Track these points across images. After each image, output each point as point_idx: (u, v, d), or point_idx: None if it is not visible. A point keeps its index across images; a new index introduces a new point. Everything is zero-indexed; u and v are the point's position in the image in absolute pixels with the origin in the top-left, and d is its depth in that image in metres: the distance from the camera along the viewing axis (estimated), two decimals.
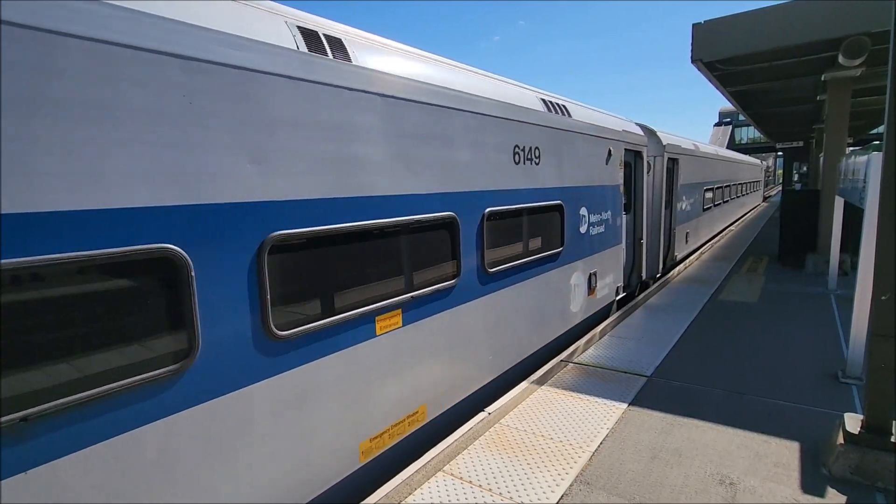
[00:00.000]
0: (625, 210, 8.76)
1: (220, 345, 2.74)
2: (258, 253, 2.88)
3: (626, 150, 8.47)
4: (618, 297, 8.69)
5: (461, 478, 3.86)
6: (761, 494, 3.58)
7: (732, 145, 66.20)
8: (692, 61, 10.29)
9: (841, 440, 3.82)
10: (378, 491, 3.64)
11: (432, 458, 4.08)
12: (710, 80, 12.00)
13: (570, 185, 6.47)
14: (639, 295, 9.64)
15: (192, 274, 2.54)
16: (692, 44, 10.04)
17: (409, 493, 3.67)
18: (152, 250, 2.39)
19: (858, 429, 3.78)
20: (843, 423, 3.91)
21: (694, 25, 10.05)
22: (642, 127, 10.11)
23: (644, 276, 10.20)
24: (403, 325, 3.96)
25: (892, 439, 3.65)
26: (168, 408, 2.51)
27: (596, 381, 5.64)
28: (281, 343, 3.05)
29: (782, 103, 17.60)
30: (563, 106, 6.50)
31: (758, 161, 37.54)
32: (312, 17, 3.54)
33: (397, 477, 3.81)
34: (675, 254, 12.51)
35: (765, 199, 43.89)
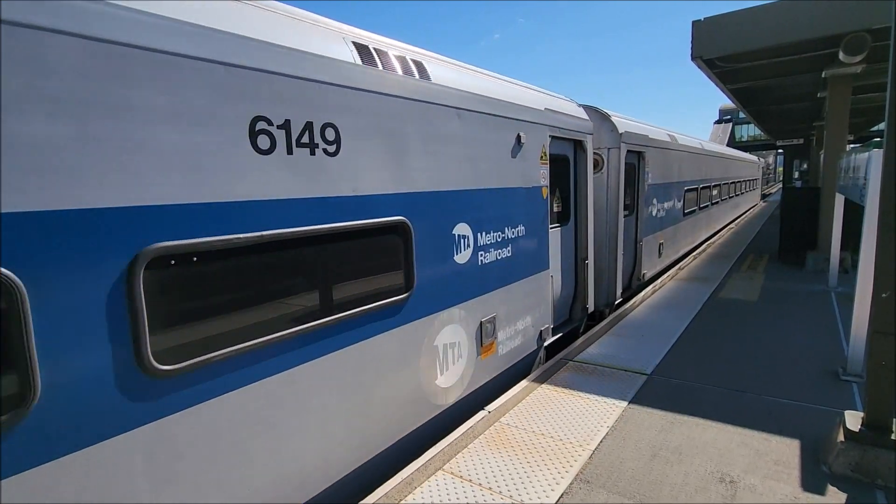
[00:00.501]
0: (560, 221, 6.80)
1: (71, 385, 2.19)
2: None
3: (553, 137, 6.24)
4: (546, 343, 6.46)
5: (461, 476, 3.86)
6: (762, 492, 3.58)
7: (733, 143, 66.02)
8: (692, 59, 10.26)
9: (841, 438, 3.82)
10: (378, 490, 3.63)
11: (432, 457, 4.07)
12: (710, 78, 11.97)
13: (427, 190, 4.22)
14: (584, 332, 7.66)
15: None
16: (692, 41, 10.02)
17: (410, 492, 3.66)
18: None
19: (859, 426, 3.77)
20: (844, 420, 3.90)
21: (694, 23, 10.03)
22: (588, 109, 7.88)
23: (591, 307, 7.72)
24: None
25: (893, 437, 3.64)
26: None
27: (595, 380, 5.64)
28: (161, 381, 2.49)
29: (782, 100, 17.57)
30: (414, 62, 4.18)
31: (755, 158, 34.77)
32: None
33: (397, 476, 3.80)
34: (644, 272, 10.22)
35: (763, 197, 42.73)
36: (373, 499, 3.54)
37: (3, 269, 1.95)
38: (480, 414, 4.82)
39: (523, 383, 5.53)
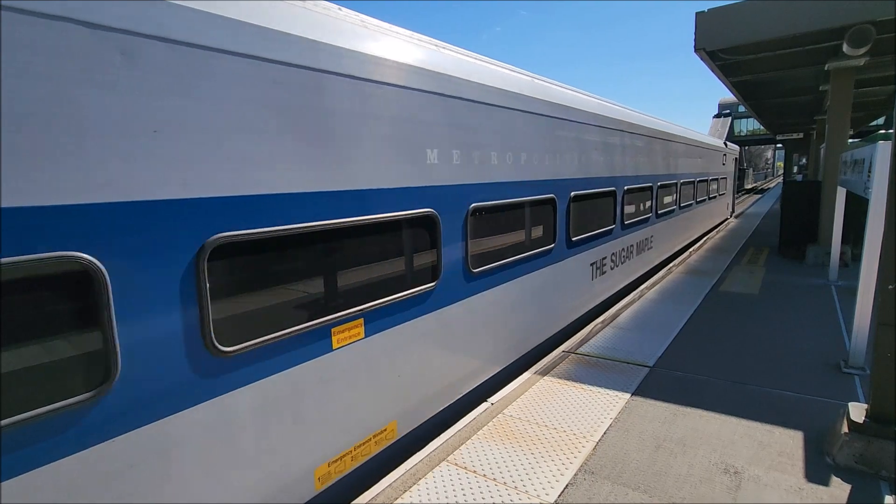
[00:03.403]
0: None
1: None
2: None
3: None
4: None
5: (465, 467, 3.86)
6: (766, 483, 3.59)
7: (732, 137, 66.02)
8: (695, 50, 10.19)
9: (845, 429, 3.82)
10: (383, 481, 3.64)
11: (436, 448, 4.08)
12: (712, 70, 11.91)
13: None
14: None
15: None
16: (695, 33, 9.95)
17: (414, 483, 3.66)
18: None
19: (863, 418, 3.77)
20: (848, 412, 3.91)
21: (697, 14, 9.95)
22: None
23: None
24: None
25: None
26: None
27: (598, 372, 5.64)
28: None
29: (784, 94, 17.51)
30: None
31: (719, 143, 19.82)
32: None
33: (401, 467, 3.81)
34: None
35: (731, 214, 23.93)
36: (378, 489, 3.54)
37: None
38: (483, 406, 4.82)
39: (526, 375, 5.53)
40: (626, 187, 8.58)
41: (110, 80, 2.20)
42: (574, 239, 6.81)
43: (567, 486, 3.62)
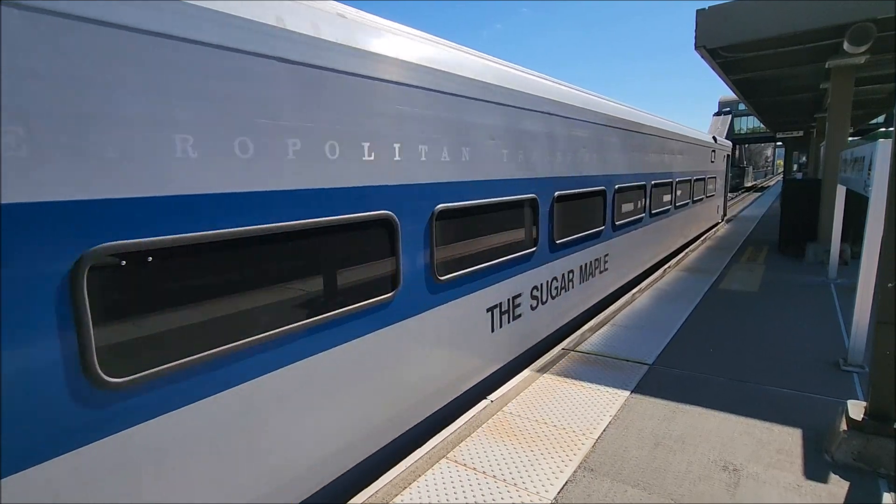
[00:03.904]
0: None
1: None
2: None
3: None
4: None
5: (465, 465, 3.87)
6: (764, 480, 3.60)
7: (732, 135, 65.97)
8: (696, 48, 10.18)
9: (844, 427, 3.83)
10: (382, 477, 3.64)
11: (435, 446, 4.08)
12: (712, 68, 11.89)
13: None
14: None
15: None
16: (696, 30, 9.94)
17: (414, 480, 3.67)
18: None
19: (862, 415, 3.78)
20: (847, 409, 3.91)
21: (698, 11, 9.94)
22: None
23: None
24: None
25: (895, 426, 3.66)
26: None
27: (598, 370, 5.65)
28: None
29: (784, 92, 17.49)
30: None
31: (706, 137, 16.67)
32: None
33: (401, 464, 3.81)
34: None
35: (723, 218, 21.00)
36: (378, 486, 3.55)
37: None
38: (483, 403, 4.82)
39: (525, 373, 5.54)
40: (557, 193, 6.24)
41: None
42: (446, 278, 4.42)
43: (566, 483, 3.63)
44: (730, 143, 22.00)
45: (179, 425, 2.58)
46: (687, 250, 11.95)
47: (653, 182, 10.11)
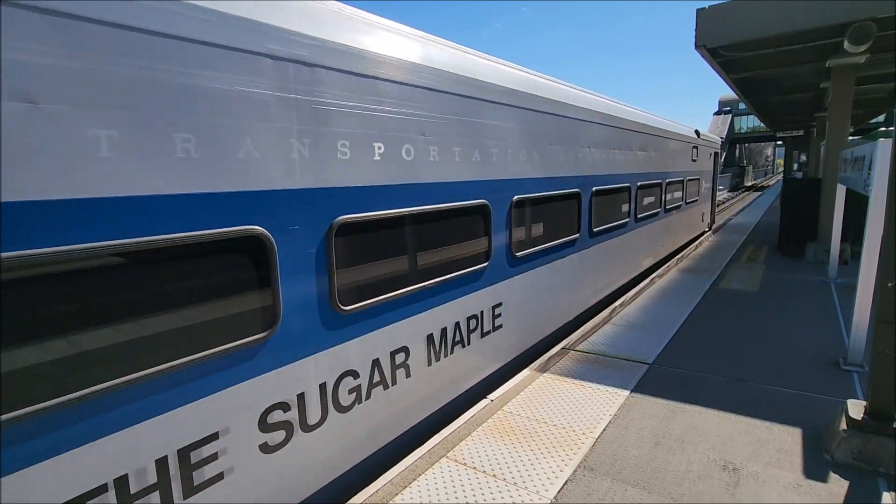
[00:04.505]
0: None
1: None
2: None
3: None
4: None
5: (465, 464, 3.87)
6: (764, 480, 3.60)
7: (732, 134, 65.92)
8: (696, 47, 10.18)
9: (844, 426, 3.84)
10: (383, 477, 3.65)
11: (435, 445, 4.09)
12: (712, 67, 11.89)
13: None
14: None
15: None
16: (696, 29, 9.93)
17: (414, 479, 3.67)
18: None
19: (861, 415, 3.79)
20: (847, 408, 3.92)
21: (698, 11, 9.93)
22: None
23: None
24: None
25: (895, 425, 3.66)
26: None
27: (597, 369, 5.65)
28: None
29: (784, 91, 17.48)
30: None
31: (687, 130, 13.23)
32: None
33: (401, 463, 3.82)
34: None
35: (710, 227, 17.84)
36: (377, 485, 3.56)
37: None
38: (483, 402, 4.83)
39: (525, 372, 5.54)
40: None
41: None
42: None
43: (566, 482, 3.63)
44: (718, 139, 18.27)
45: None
46: (654, 275, 9.81)
47: (596, 189, 7.28)
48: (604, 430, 4.35)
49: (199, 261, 2.75)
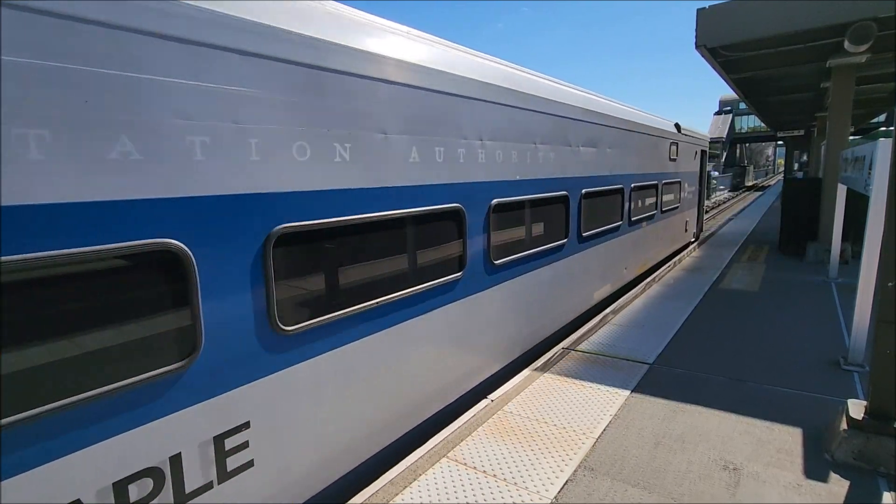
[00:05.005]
0: None
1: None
2: None
3: None
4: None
5: (465, 464, 3.87)
6: (765, 479, 3.60)
7: (733, 134, 65.88)
8: (696, 47, 10.17)
9: (844, 426, 3.83)
10: (383, 477, 3.65)
11: (436, 445, 4.09)
12: (713, 67, 11.89)
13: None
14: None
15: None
16: (696, 29, 9.93)
17: (414, 479, 3.67)
18: None
19: (862, 414, 3.78)
20: (847, 408, 3.92)
21: (698, 11, 9.93)
22: None
23: None
24: None
25: None
26: None
27: (598, 369, 5.65)
28: None
29: (785, 91, 17.47)
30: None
31: (667, 126, 11.16)
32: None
33: (402, 463, 3.82)
34: None
35: (696, 237, 15.53)
36: (378, 485, 3.56)
37: None
38: (483, 402, 4.83)
39: (526, 372, 5.54)
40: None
41: None
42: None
43: (566, 482, 3.63)
44: (705, 136, 15.58)
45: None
46: (620, 301, 8.14)
47: (497, 202, 5.09)
48: (604, 430, 4.35)
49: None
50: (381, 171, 3.72)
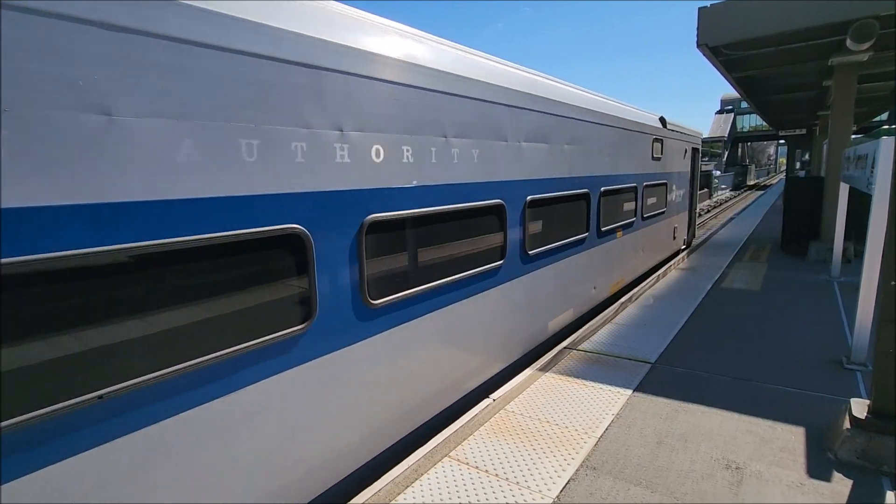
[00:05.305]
0: None
1: None
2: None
3: None
4: None
5: (467, 463, 3.87)
6: (767, 479, 3.59)
7: (734, 133, 65.76)
8: (697, 46, 10.15)
9: (847, 425, 3.83)
10: (385, 476, 3.65)
11: (438, 444, 4.09)
12: (714, 66, 11.86)
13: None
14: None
15: None
16: (698, 28, 9.91)
17: (416, 479, 3.68)
18: None
19: (865, 413, 3.78)
20: (850, 407, 3.91)
21: (700, 9, 9.91)
22: None
23: None
24: None
25: None
26: None
27: (600, 368, 5.64)
28: None
29: (786, 90, 17.43)
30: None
31: (650, 120, 9.74)
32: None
33: (403, 462, 3.82)
34: None
35: (688, 244, 14.00)
36: (380, 485, 3.56)
37: None
38: (485, 402, 4.83)
39: (528, 371, 5.54)
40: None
41: None
42: None
43: (569, 481, 3.63)
44: (697, 133, 13.86)
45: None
46: (591, 324, 7.04)
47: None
48: (606, 429, 4.34)
49: None
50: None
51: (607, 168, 7.69)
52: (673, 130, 11.21)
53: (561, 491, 3.52)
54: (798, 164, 46.38)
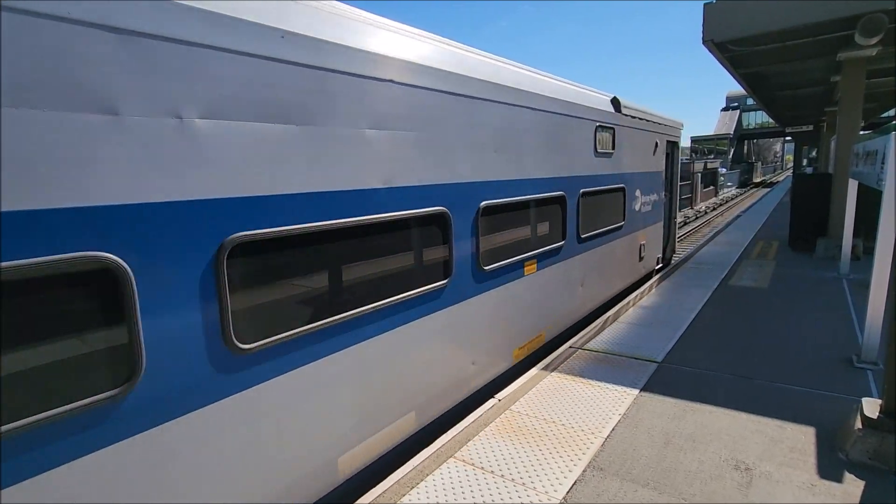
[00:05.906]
0: None
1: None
2: None
3: None
4: None
5: (473, 464, 3.85)
6: (777, 479, 3.54)
7: (740, 130, 65.28)
8: (703, 42, 10.07)
9: (859, 425, 3.77)
10: (390, 477, 3.63)
11: (443, 445, 4.07)
12: (720, 62, 11.78)
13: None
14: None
15: None
16: (703, 24, 9.83)
17: (421, 480, 3.65)
18: None
19: (877, 413, 3.71)
20: (862, 407, 3.84)
21: (706, 5, 9.83)
22: None
23: None
24: None
25: None
26: None
27: (606, 368, 5.60)
28: None
29: (793, 86, 17.28)
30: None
31: (598, 100, 7.14)
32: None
33: (409, 463, 3.80)
34: None
35: (667, 262, 11.73)
36: (385, 485, 3.54)
37: None
38: (491, 402, 4.80)
39: (533, 371, 5.51)
40: None
41: None
42: None
43: (575, 482, 3.59)
44: (674, 122, 10.96)
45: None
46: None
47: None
48: (613, 429, 4.30)
49: None
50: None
51: (500, 169, 5.02)
52: (633, 117, 8.42)
53: (567, 492, 3.49)
54: (805, 161, 45.99)
